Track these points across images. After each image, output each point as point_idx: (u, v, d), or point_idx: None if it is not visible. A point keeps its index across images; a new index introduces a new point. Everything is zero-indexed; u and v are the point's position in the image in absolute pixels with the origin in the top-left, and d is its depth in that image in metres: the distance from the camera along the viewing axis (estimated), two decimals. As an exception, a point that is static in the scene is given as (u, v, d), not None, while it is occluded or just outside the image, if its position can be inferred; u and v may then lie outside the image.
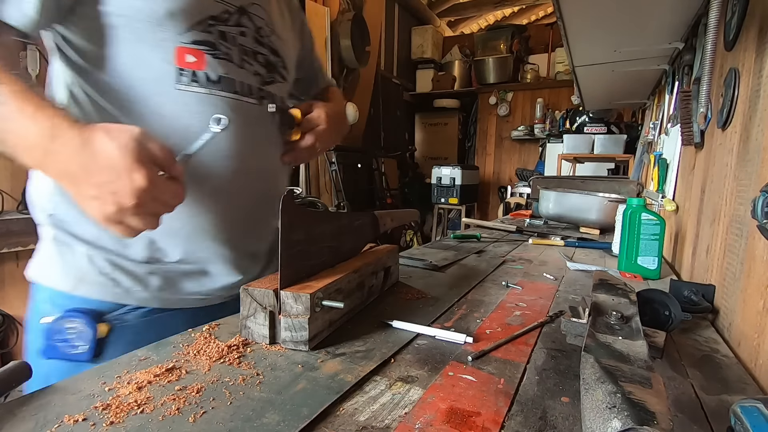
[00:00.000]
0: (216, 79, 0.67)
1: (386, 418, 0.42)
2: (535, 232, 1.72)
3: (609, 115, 3.99)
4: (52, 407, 0.42)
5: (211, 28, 0.67)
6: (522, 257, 1.26)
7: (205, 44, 0.66)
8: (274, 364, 0.52)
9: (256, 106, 0.74)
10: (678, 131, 1.30)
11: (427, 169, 5.74)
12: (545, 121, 5.45)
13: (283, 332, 0.56)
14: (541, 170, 5.12)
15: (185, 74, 0.64)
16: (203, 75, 0.66)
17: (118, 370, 0.49)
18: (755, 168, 0.67)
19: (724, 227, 0.81)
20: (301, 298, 0.55)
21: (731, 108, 0.82)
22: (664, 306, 0.65)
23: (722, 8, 0.91)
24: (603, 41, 1.58)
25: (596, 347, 0.47)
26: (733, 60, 0.86)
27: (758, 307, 0.60)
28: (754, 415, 0.36)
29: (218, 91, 0.67)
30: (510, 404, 0.45)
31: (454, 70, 6.12)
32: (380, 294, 0.81)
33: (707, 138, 1.04)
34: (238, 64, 0.70)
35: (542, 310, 0.77)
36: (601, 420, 0.34)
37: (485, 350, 0.57)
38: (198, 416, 0.41)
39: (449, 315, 0.72)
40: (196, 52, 0.65)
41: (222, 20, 0.68)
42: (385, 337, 0.61)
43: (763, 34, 0.70)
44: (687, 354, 0.62)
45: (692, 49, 1.38)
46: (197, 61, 0.65)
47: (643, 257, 1.03)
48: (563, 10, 1.29)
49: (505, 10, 6.61)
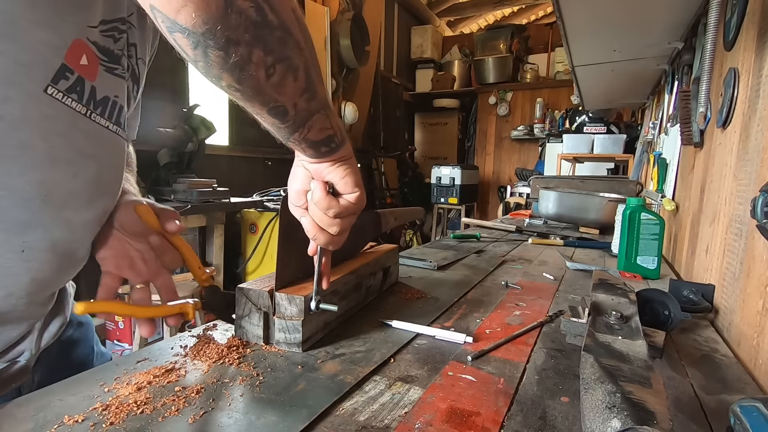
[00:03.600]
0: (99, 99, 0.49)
1: (386, 418, 0.42)
2: (534, 232, 1.72)
3: (608, 114, 3.99)
4: (52, 408, 0.42)
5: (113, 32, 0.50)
6: (522, 257, 1.26)
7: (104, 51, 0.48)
8: (274, 364, 0.52)
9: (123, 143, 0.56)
10: (677, 131, 1.30)
11: (426, 168, 5.74)
12: (545, 121, 5.46)
13: (277, 333, 0.56)
14: (541, 170, 5.12)
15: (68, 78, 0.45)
16: (89, 88, 0.47)
17: (117, 371, 0.49)
18: (755, 168, 0.67)
19: (723, 227, 0.81)
20: (295, 300, 0.55)
21: (731, 108, 0.82)
22: (663, 306, 0.65)
23: (722, 8, 0.91)
24: (603, 41, 1.58)
25: (596, 347, 0.47)
26: (733, 60, 0.86)
27: (758, 306, 0.60)
28: (753, 414, 0.36)
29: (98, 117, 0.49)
30: (510, 404, 0.45)
31: (454, 70, 6.12)
32: (380, 294, 0.81)
33: (707, 138, 1.04)
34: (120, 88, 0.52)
35: (542, 309, 0.77)
36: (600, 420, 0.34)
37: (485, 350, 0.57)
38: (198, 417, 0.41)
39: (449, 315, 0.72)
40: (93, 57, 0.47)
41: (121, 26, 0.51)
42: (384, 337, 0.61)
43: (762, 34, 0.70)
44: (686, 354, 0.62)
45: (692, 48, 1.38)
46: (89, 67, 0.47)
47: (642, 257, 1.03)
48: (563, 9, 1.29)
49: (504, 10, 6.61)
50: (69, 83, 0.45)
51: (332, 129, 0.45)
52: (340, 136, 0.47)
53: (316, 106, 0.42)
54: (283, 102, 0.38)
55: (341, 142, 0.47)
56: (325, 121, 0.44)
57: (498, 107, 5.96)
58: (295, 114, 0.40)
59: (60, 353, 0.62)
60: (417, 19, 6.14)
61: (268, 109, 0.39)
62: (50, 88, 0.43)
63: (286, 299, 0.56)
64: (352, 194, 0.50)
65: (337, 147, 0.47)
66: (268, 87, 0.36)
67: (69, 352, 0.64)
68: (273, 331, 0.57)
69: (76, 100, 0.46)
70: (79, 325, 0.67)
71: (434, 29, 6.12)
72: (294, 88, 0.38)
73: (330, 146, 0.47)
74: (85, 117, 0.48)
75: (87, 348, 0.68)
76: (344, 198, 0.50)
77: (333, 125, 0.45)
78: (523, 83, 5.78)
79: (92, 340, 0.69)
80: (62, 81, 0.44)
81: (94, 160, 0.50)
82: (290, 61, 0.36)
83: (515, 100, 5.92)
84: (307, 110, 0.41)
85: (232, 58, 0.32)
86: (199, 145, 2.59)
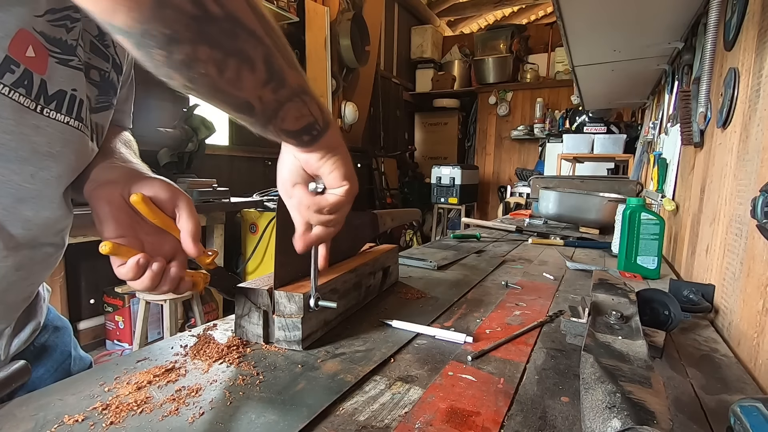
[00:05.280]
0: (52, 93, 0.45)
1: (386, 417, 0.42)
2: (534, 232, 1.72)
3: (609, 114, 3.99)
4: (52, 407, 0.42)
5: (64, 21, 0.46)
6: (522, 257, 1.26)
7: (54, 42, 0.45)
8: (274, 364, 0.52)
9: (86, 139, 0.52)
10: (678, 131, 1.30)
11: (426, 168, 5.75)
12: (545, 121, 5.46)
13: (276, 332, 0.56)
14: (541, 170, 5.12)
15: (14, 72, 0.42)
16: (39, 82, 0.44)
17: (117, 371, 0.49)
18: (755, 168, 0.67)
19: (723, 227, 0.81)
20: (294, 297, 0.55)
21: (731, 108, 0.82)
22: (663, 306, 0.65)
23: (722, 8, 0.91)
24: (603, 41, 1.58)
25: (596, 347, 0.47)
26: (733, 60, 0.86)
27: (758, 306, 0.60)
28: (753, 414, 0.36)
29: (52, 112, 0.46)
30: (510, 404, 0.45)
31: (454, 70, 6.12)
32: (380, 294, 0.81)
33: (707, 138, 1.04)
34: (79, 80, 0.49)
35: (542, 309, 0.77)
36: (600, 419, 0.34)
37: (485, 350, 0.57)
38: (197, 417, 0.41)
39: (449, 315, 0.72)
40: (41, 48, 0.44)
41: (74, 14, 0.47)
42: (384, 337, 0.61)
43: (762, 34, 0.70)
44: (686, 353, 0.62)
45: (692, 48, 1.38)
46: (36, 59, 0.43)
47: (642, 257, 1.03)
48: (563, 9, 1.29)
49: (504, 10, 6.61)
50: (15, 77, 0.41)
51: (311, 116, 0.42)
52: (322, 122, 0.44)
53: (287, 94, 0.39)
54: (245, 96, 0.36)
55: (324, 128, 0.44)
56: (302, 108, 0.41)
57: (498, 107, 5.96)
58: (262, 107, 0.37)
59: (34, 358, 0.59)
60: (417, 19, 6.14)
61: (231, 106, 0.37)
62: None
63: (285, 297, 0.56)
64: (340, 188, 0.48)
65: (320, 134, 0.44)
66: (224, 83, 0.34)
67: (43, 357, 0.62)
68: (273, 329, 0.57)
69: (24, 94, 0.43)
70: (55, 329, 0.65)
71: (434, 29, 6.11)
72: (253, 80, 0.35)
73: (311, 134, 0.44)
74: (36, 113, 0.44)
75: (63, 354, 0.65)
76: (333, 193, 0.48)
77: (312, 111, 0.42)
78: (523, 83, 5.78)
79: (69, 345, 0.67)
80: (7, 74, 0.41)
81: (54, 159, 0.47)
82: (244, 54, 0.33)
83: (515, 100, 5.92)
84: (276, 101, 0.38)
85: (176, 56, 0.30)
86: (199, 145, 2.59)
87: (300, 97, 0.40)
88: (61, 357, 0.65)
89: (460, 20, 6.93)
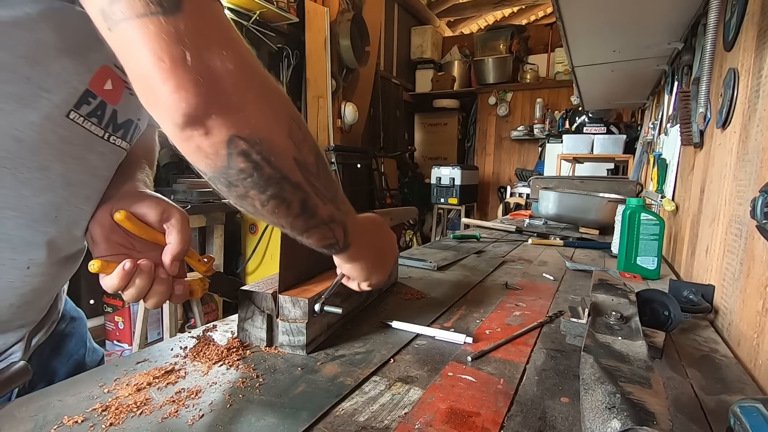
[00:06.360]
0: (122, 122, 0.49)
1: (386, 418, 0.42)
2: (534, 233, 1.72)
3: (608, 115, 3.99)
4: (52, 408, 0.42)
5: None
6: (521, 257, 1.26)
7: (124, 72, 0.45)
8: (274, 366, 0.52)
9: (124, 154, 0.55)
10: (677, 131, 1.30)
11: (426, 169, 5.74)
12: (545, 121, 5.45)
13: (280, 336, 0.56)
14: (541, 170, 5.12)
15: (90, 103, 0.45)
16: (111, 112, 0.47)
17: (117, 372, 0.49)
18: (754, 168, 0.67)
19: (723, 227, 0.81)
20: (299, 302, 0.55)
21: (730, 108, 0.82)
22: (663, 306, 0.65)
23: (721, 9, 0.91)
24: (603, 41, 1.58)
25: (596, 347, 0.47)
26: (732, 60, 0.86)
27: (757, 307, 0.60)
28: (753, 415, 0.36)
29: (118, 139, 0.50)
30: (509, 404, 0.45)
31: (454, 71, 6.12)
32: (380, 294, 0.81)
33: (706, 138, 1.04)
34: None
35: (542, 310, 0.77)
36: (600, 420, 0.34)
37: (485, 350, 0.57)
38: (197, 419, 0.41)
39: (449, 315, 0.72)
40: (119, 81, 0.47)
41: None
42: (384, 338, 0.61)
43: (762, 34, 0.70)
44: (686, 354, 0.62)
45: (691, 49, 1.38)
46: (113, 91, 0.46)
47: (642, 257, 1.03)
48: (563, 10, 1.29)
49: (504, 11, 6.61)
50: (91, 108, 0.45)
51: (333, 238, 0.48)
52: (343, 243, 0.50)
53: (315, 223, 0.44)
54: (278, 222, 0.43)
55: (344, 248, 0.50)
56: (327, 233, 0.47)
57: (498, 107, 5.96)
58: (291, 229, 0.44)
59: (52, 347, 0.61)
60: (417, 20, 6.14)
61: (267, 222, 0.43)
62: (72, 113, 0.43)
63: (290, 302, 0.56)
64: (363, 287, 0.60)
65: (339, 251, 0.51)
66: (264, 212, 0.41)
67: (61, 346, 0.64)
68: (276, 333, 0.57)
69: (96, 123, 0.46)
70: (72, 320, 0.67)
71: (434, 29, 6.11)
72: (288, 214, 0.42)
73: (331, 251, 0.51)
74: (103, 140, 0.48)
75: (78, 344, 0.67)
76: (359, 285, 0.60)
77: (335, 235, 0.48)
78: (523, 83, 5.78)
79: (85, 336, 0.69)
80: (84, 106, 0.44)
81: (103, 180, 0.51)
82: (283, 197, 0.40)
83: (515, 101, 5.92)
84: (305, 227, 0.44)
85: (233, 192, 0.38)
86: (199, 145, 2.58)
87: (327, 225, 0.46)
88: (76, 347, 0.66)
89: (459, 21, 6.93)
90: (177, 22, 0.31)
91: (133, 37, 0.31)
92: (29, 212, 0.44)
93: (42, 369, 0.59)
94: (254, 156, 0.36)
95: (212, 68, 0.33)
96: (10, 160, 0.41)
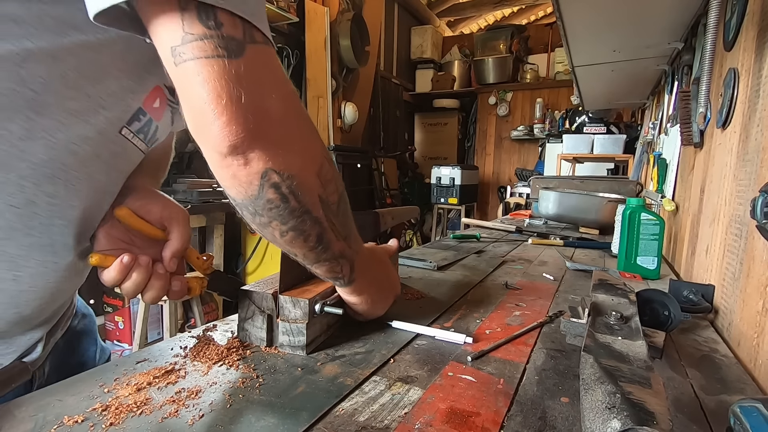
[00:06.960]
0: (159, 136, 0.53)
1: (386, 418, 0.42)
2: (534, 232, 1.72)
3: (608, 115, 3.99)
4: (52, 408, 0.42)
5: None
6: (521, 257, 1.26)
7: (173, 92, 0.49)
8: (274, 366, 0.52)
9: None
10: (677, 131, 1.30)
11: (426, 169, 5.74)
12: (545, 121, 5.45)
13: (280, 336, 0.56)
14: (541, 170, 5.12)
15: (140, 120, 0.47)
16: (154, 128, 0.50)
17: (117, 372, 0.49)
18: (754, 168, 0.67)
19: (723, 227, 0.81)
20: (299, 303, 0.55)
21: (730, 108, 0.82)
22: (663, 306, 0.65)
23: (721, 8, 0.91)
24: (603, 41, 1.58)
25: (596, 347, 0.46)
26: (733, 60, 0.86)
27: (757, 307, 0.60)
28: (753, 415, 0.36)
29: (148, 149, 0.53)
30: (509, 404, 0.45)
31: (454, 70, 6.12)
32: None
33: (706, 138, 1.04)
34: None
35: (542, 310, 0.77)
36: (600, 420, 0.34)
37: (485, 350, 0.57)
38: (197, 419, 0.41)
39: (449, 315, 0.72)
40: (164, 99, 0.49)
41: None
42: (384, 338, 0.61)
43: (762, 34, 0.70)
44: (686, 354, 0.62)
45: (692, 49, 1.38)
46: (159, 109, 0.49)
47: (642, 257, 1.03)
48: (563, 10, 1.29)
49: (504, 10, 6.61)
50: (141, 125, 0.48)
51: (340, 272, 0.52)
52: (348, 278, 0.54)
53: (326, 257, 0.48)
54: (293, 251, 0.46)
55: (349, 282, 0.55)
56: (335, 267, 0.50)
57: (498, 107, 5.96)
58: (304, 259, 0.48)
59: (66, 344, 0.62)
60: (417, 20, 6.14)
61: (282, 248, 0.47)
62: (124, 129, 0.46)
63: (291, 302, 0.55)
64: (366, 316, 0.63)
65: (344, 285, 0.55)
66: (282, 241, 0.44)
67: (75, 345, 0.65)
68: (276, 333, 0.56)
69: (142, 139, 0.49)
70: (84, 316, 0.68)
71: (434, 29, 6.11)
72: (303, 245, 0.45)
73: (336, 283, 0.55)
74: (143, 153, 0.51)
75: (90, 341, 0.68)
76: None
77: (342, 270, 0.52)
78: (523, 83, 5.78)
79: (95, 334, 0.70)
80: (135, 123, 0.47)
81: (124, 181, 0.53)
82: (302, 230, 0.43)
83: (515, 101, 5.92)
84: (316, 258, 0.48)
85: (257, 220, 0.42)
86: (200, 145, 2.58)
87: (337, 260, 0.50)
88: (88, 343, 0.68)
89: (459, 20, 6.93)
90: (239, 65, 0.34)
91: (197, 73, 0.33)
92: (74, 220, 0.46)
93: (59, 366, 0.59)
94: (284, 189, 0.39)
95: (262, 108, 0.36)
96: (65, 173, 0.43)
